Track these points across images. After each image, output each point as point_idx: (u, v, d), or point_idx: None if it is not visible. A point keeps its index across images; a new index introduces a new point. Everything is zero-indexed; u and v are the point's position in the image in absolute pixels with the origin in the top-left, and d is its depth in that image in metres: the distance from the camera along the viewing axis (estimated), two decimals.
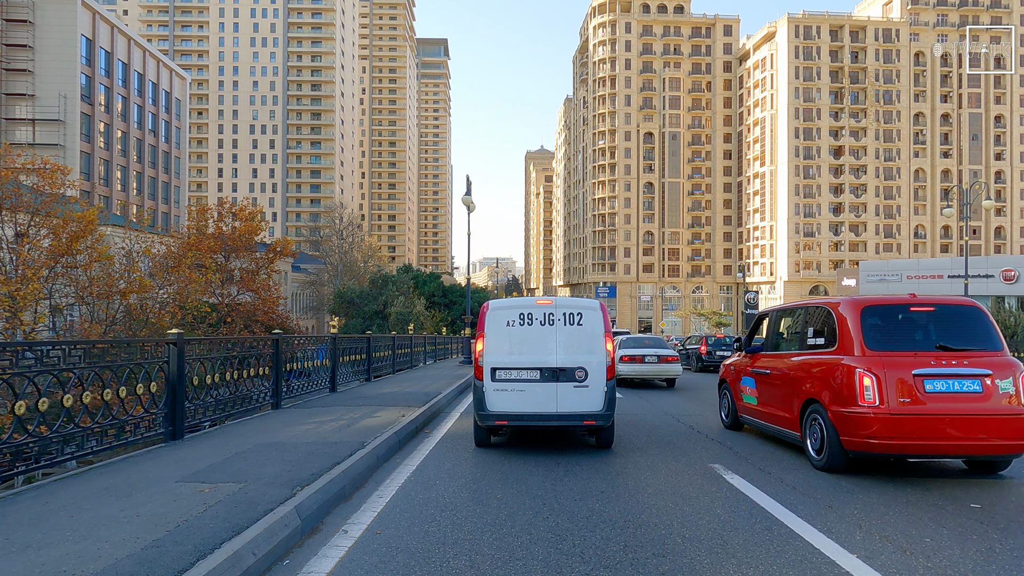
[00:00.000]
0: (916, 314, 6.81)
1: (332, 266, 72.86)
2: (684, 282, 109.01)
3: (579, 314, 7.52)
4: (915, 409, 6.10)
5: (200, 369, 7.37)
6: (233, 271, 37.71)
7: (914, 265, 62.40)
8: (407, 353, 19.79)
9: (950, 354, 6.37)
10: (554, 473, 6.17)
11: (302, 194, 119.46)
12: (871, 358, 6.38)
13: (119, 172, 53.61)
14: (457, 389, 13.71)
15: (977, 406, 6.14)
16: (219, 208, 39.36)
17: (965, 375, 6.21)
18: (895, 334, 6.70)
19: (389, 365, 17.12)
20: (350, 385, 13.42)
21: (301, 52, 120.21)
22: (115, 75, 52.65)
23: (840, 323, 6.86)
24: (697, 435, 8.76)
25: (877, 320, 6.73)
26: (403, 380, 15.36)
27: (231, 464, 5.48)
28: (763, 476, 6.23)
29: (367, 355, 14.69)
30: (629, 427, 9.29)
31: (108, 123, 52.21)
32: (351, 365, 13.75)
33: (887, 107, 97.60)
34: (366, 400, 10.77)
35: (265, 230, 38.74)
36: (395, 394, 11.78)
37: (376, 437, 6.95)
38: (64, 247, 19.40)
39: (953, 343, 6.51)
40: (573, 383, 7.27)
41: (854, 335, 6.63)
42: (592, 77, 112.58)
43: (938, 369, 6.21)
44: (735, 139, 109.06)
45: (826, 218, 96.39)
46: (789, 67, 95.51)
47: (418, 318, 41.11)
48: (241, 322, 35.19)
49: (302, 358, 10.93)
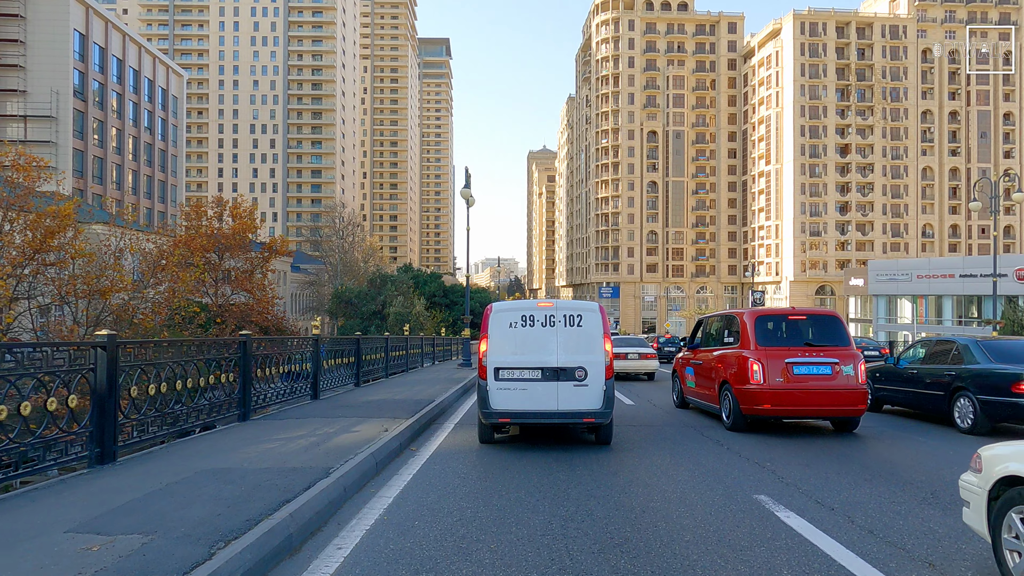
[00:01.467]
0: (793, 320, 9.58)
1: (332, 266, 71.75)
2: (688, 282, 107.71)
3: (579, 316, 7.80)
4: (787, 386, 8.80)
5: (143, 377, 6.20)
6: (227, 270, 36.61)
7: (924, 264, 61.06)
8: (402, 356, 18.63)
9: (812, 348, 9.11)
10: (563, 509, 5.00)
11: (303, 194, 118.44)
12: (759, 351, 9.02)
13: (113, 170, 52.54)
14: (454, 395, 12.55)
15: (828, 384, 8.83)
16: (213, 205, 38.28)
17: (820, 362, 8.88)
18: (777, 335, 9.35)
19: (382, 368, 15.96)
20: (337, 391, 12.27)
21: (302, 51, 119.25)
22: (109, 71, 51.59)
23: (742, 327, 9.47)
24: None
25: (766, 325, 9.41)
26: (395, 385, 14.20)
27: (152, 502, 4.31)
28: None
29: (356, 358, 13.52)
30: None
31: (102, 120, 51.15)
32: (338, 369, 12.60)
33: (894, 104, 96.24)
34: (349, 409, 9.61)
35: (260, 228, 37.58)
36: (383, 402, 10.61)
37: (347, 460, 5.78)
38: (39, 243, 18.30)
39: (815, 341, 9.25)
40: (573, 382, 7.55)
41: (750, 335, 9.23)
42: (595, 75, 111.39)
43: (802, 359, 8.92)
44: (740, 137, 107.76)
45: (832, 217, 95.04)
46: (794, 64, 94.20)
47: (417, 318, 39.93)
48: (234, 323, 34.09)
49: (279, 362, 9.74)
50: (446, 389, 13.11)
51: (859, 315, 74.07)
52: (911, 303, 61.13)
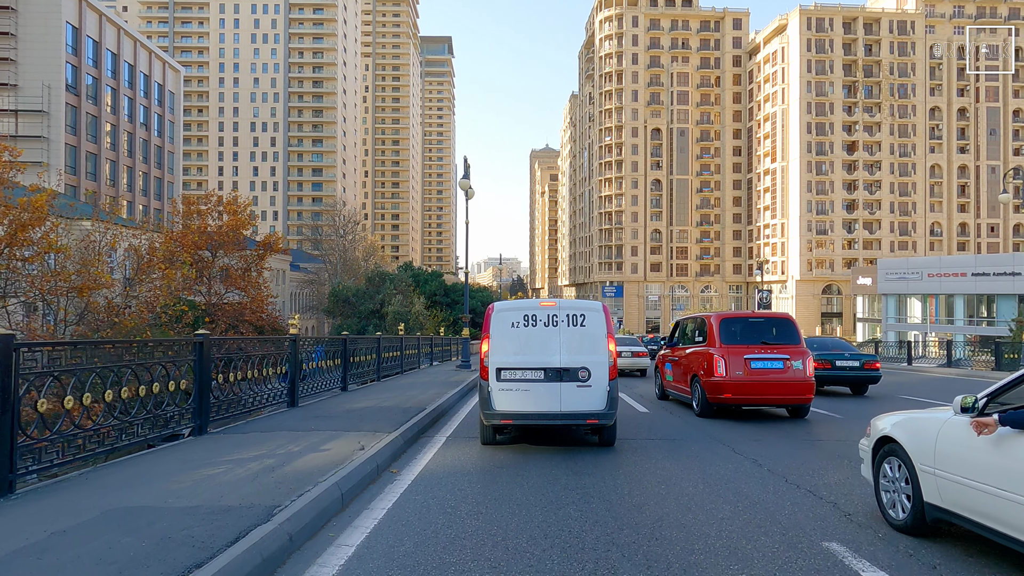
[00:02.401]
0: (753, 322, 11.12)
1: (331, 265, 70.64)
2: (693, 281, 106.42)
3: (582, 315, 7.70)
4: (745, 378, 10.19)
5: (56, 387, 5.04)
6: (220, 268, 35.49)
7: (935, 263, 59.74)
8: (396, 357, 17.45)
9: (767, 347, 10.52)
10: (580, 564, 3.82)
11: (303, 192, 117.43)
12: (723, 348, 10.39)
13: (108, 166, 51.46)
14: (449, 401, 11.37)
15: (780, 376, 10.28)
16: (206, 200, 37.19)
17: (773, 358, 10.33)
18: (739, 334, 10.70)
19: (373, 371, 14.78)
20: (320, 396, 11.10)
21: (302, 48, 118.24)
22: (103, 65, 50.52)
23: (710, 328, 10.89)
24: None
25: (730, 326, 10.79)
26: (386, 389, 13.03)
27: (10, 564, 3.14)
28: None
29: (343, 360, 12.35)
30: None
31: (96, 115, 50.08)
32: (322, 372, 11.44)
33: (902, 101, 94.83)
34: (326, 420, 8.43)
35: (255, 224, 36.48)
36: (366, 410, 9.44)
37: (303, 493, 4.58)
38: (10, 237, 17.18)
39: (770, 340, 10.66)
40: (576, 383, 7.47)
41: (716, 335, 10.62)
42: (598, 72, 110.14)
43: (758, 355, 10.32)
44: (745, 135, 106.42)
45: (839, 215, 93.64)
46: (801, 60, 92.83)
47: (417, 317, 38.78)
48: (226, 322, 32.97)
49: (248, 366, 8.58)
50: (440, 394, 11.94)
51: (867, 315, 72.75)
52: (921, 302, 59.82)
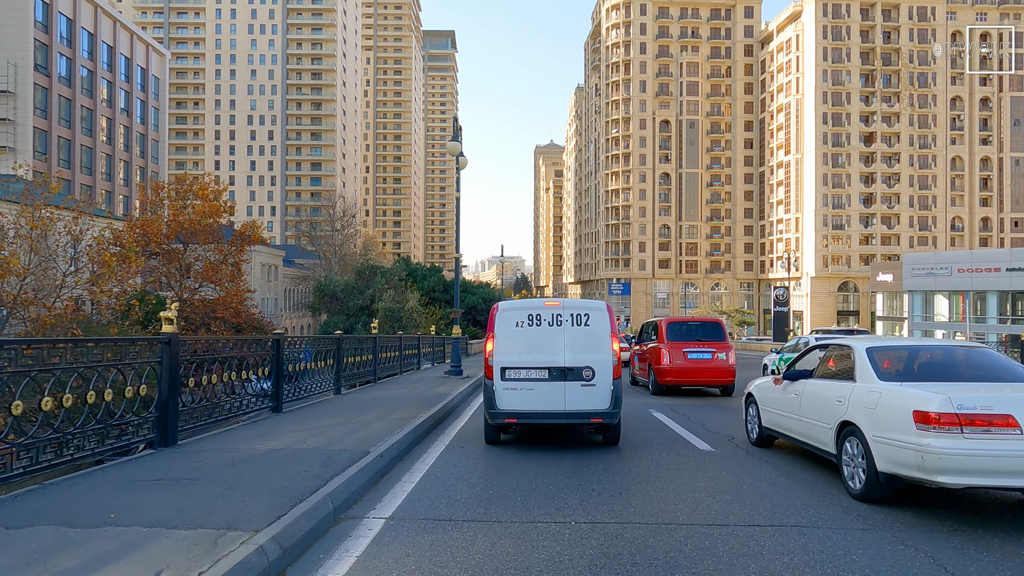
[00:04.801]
0: (691, 324, 15.52)
1: (327, 260, 67.33)
2: (702, 278, 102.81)
3: (586, 315, 7.76)
4: (684, 365, 14.31)
5: None
6: (195, 259, 32.19)
7: (967, 257, 56.04)
8: (367, 362, 14.07)
9: (701, 343, 14.61)
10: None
11: (302, 187, 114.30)
12: (668, 344, 14.57)
13: (82, 153, 48.24)
14: (414, 432, 7.97)
15: (709, 364, 14.36)
16: (177, 186, 33.93)
17: (704, 351, 14.43)
18: (680, 333, 14.95)
19: (330, 381, 11.43)
20: (224, 426, 7.73)
21: (301, 39, 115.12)
22: (78, 45, 47.28)
23: (659, 329, 15.18)
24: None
25: (673, 327, 15.13)
26: (338, 409, 9.70)
27: None
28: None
29: (274, 369, 8.98)
30: None
31: (70, 98, 46.86)
32: (234, 391, 8.08)
33: (922, 91, 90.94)
34: (145, 493, 5.07)
35: (231, 211, 33.17)
36: (258, 461, 6.05)
37: None
38: None
39: (703, 338, 14.78)
40: (580, 382, 7.52)
41: (663, 334, 14.83)
42: (605, 63, 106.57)
43: (693, 349, 14.45)
44: (757, 127, 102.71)
45: (856, 209, 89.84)
46: (816, 48, 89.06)
47: (411, 314, 35.39)
48: (197, 319, 29.66)
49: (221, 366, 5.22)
50: (407, 421, 8.56)
51: (887, 313, 69.11)
52: (948, 299, 56.23)
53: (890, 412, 5.39)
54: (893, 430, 5.28)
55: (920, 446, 4.94)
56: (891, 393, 5.52)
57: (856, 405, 5.83)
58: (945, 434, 4.85)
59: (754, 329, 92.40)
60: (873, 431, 5.51)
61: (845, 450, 5.95)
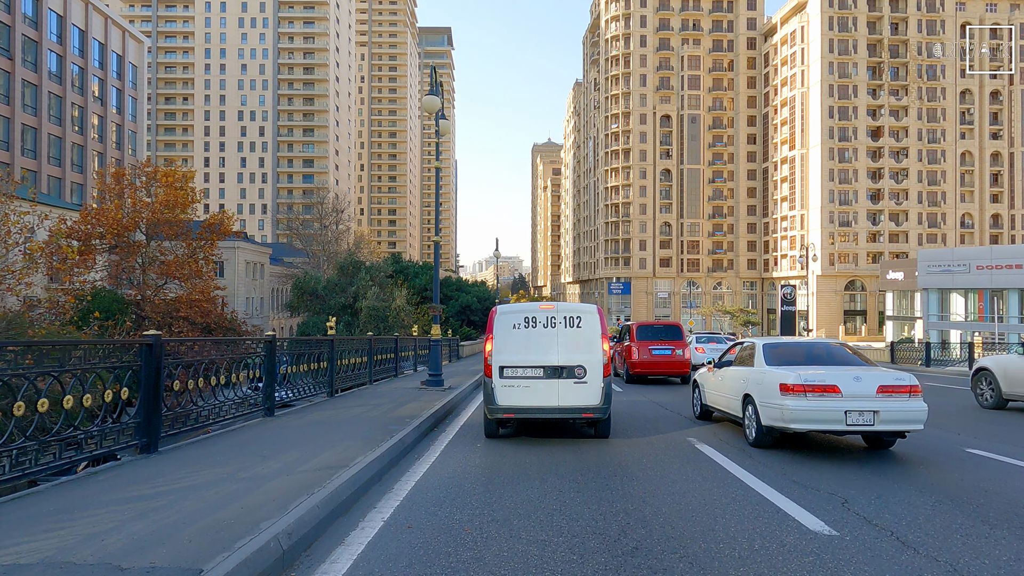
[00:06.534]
0: (656, 326, 19.12)
1: (315, 258, 64.39)
2: (705, 277, 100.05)
3: (578, 317, 8.23)
4: (649, 359, 18.03)
5: None
6: (154, 254, 29.31)
7: (986, 253, 53.27)
8: (321, 371, 11.20)
9: (663, 341, 18.22)
10: None
11: (294, 184, 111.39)
12: (637, 342, 18.20)
13: (50, 143, 45.30)
14: (354, 481, 5.11)
15: (669, 358, 18.03)
16: (140, 172, 31.05)
17: (665, 348, 18.07)
18: (647, 334, 18.50)
19: (259, 402, 8.57)
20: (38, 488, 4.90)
21: (293, 33, 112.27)
22: (45, 27, 44.32)
23: (631, 331, 18.72)
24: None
25: (641, 329, 18.69)
26: (242, 446, 6.85)
27: None
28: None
29: (145, 389, 6.10)
30: None
31: (36, 84, 43.90)
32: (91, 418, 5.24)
33: (930, 84, 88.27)
34: None
35: (198, 201, 30.29)
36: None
37: None
38: None
39: (666, 338, 18.37)
40: (573, 379, 7.97)
41: (634, 335, 18.45)
42: (604, 56, 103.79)
43: (657, 346, 18.09)
44: (760, 122, 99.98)
45: (863, 206, 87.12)
46: (822, 40, 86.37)
47: (397, 314, 32.51)
48: (157, 319, 26.79)
49: None
50: (332, 474, 5.67)
51: (897, 312, 66.43)
52: (964, 298, 53.52)
53: (768, 385, 7.68)
54: (770, 396, 7.60)
55: (782, 406, 7.36)
56: (771, 373, 7.77)
57: (752, 382, 8.11)
58: (796, 397, 7.29)
59: (758, 329, 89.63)
60: (760, 398, 7.81)
61: (746, 414, 8.20)
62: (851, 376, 7.37)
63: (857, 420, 7.11)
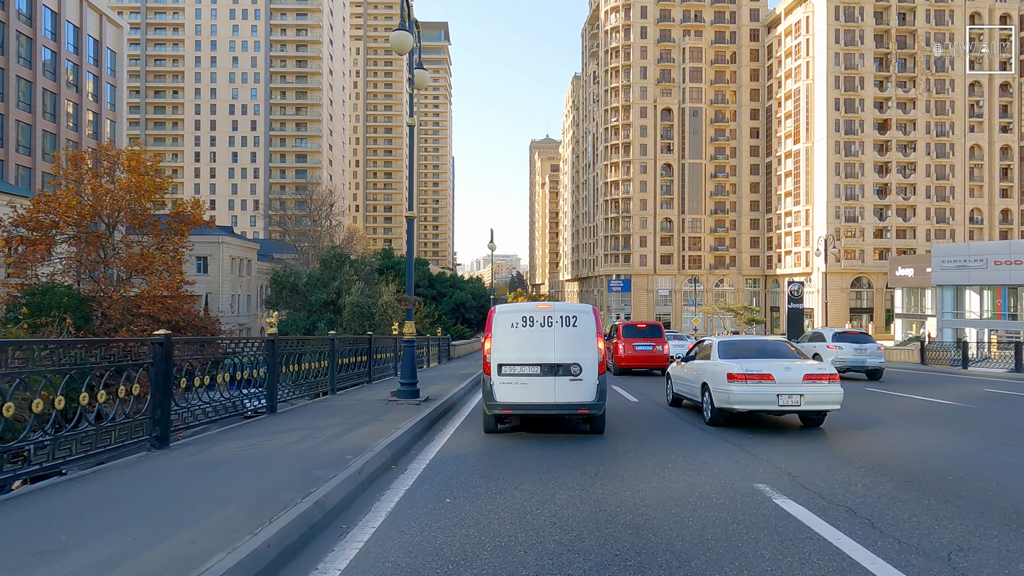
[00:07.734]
0: (640, 326, 22.10)
1: (304, 254, 61.88)
2: (706, 274, 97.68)
3: (574, 317, 8.51)
4: (634, 355, 21.40)
5: None
6: (117, 245, 26.83)
7: (1004, 248, 50.87)
8: (257, 380, 8.75)
9: (647, 339, 21.65)
10: None
11: (287, 180, 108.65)
12: (623, 339, 21.59)
13: (18, 131, 42.78)
14: None
15: (651, 353, 21.41)
16: (101, 155, 28.59)
17: (648, 344, 21.51)
18: (632, 332, 21.85)
19: (143, 429, 6.13)
20: None
21: (285, 25, 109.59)
22: (12, 7, 41.78)
23: (618, 330, 22.18)
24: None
25: (627, 328, 22.00)
26: (82, 511, 4.48)
27: None
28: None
29: None
30: None
31: (3, 67, 41.38)
32: None
33: (939, 75, 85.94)
34: None
35: (167, 188, 27.78)
36: None
37: None
38: None
39: (649, 336, 21.77)
40: (569, 377, 8.23)
41: (620, 333, 21.85)
42: (604, 48, 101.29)
43: (641, 343, 21.53)
44: (763, 115, 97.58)
45: (870, 201, 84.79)
46: (828, 30, 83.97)
47: (384, 311, 30.09)
48: (116, 317, 24.30)
49: None
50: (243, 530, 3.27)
51: (906, 310, 64.05)
52: (979, 295, 51.20)
53: (719, 374, 9.51)
54: (720, 383, 9.45)
55: (728, 391, 9.19)
56: (722, 364, 9.62)
57: (708, 372, 10.06)
58: (739, 384, 9.12)
59: (762, 328, 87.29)
60: (713, 385, 9.72)
61: (704, 399, 10.12)
62: (783, 366, 9.21)
63: (787, 402, 8.98)
